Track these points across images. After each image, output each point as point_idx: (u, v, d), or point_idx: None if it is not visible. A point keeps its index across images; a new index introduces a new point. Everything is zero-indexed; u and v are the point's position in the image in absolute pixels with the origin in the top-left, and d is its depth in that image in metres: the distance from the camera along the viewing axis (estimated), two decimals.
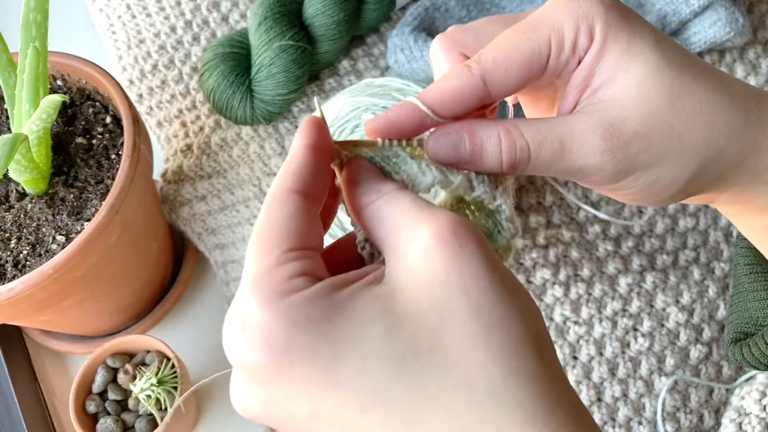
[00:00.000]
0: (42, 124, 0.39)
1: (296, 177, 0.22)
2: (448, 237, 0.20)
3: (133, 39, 0.56)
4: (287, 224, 0.21)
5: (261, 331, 0.20)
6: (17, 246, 0.42)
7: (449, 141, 0.24)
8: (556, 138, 0.24)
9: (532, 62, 0.25)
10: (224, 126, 0.52)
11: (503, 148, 0.24)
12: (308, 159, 0.23)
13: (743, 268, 0.40)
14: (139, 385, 0.42)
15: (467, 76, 0.24)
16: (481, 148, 0.24)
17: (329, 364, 0.20)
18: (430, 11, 0.51)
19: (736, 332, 0.39)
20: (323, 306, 0.20)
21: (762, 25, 0.51)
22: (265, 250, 0.21)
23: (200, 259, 0.52)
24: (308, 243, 0.22)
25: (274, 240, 0.21)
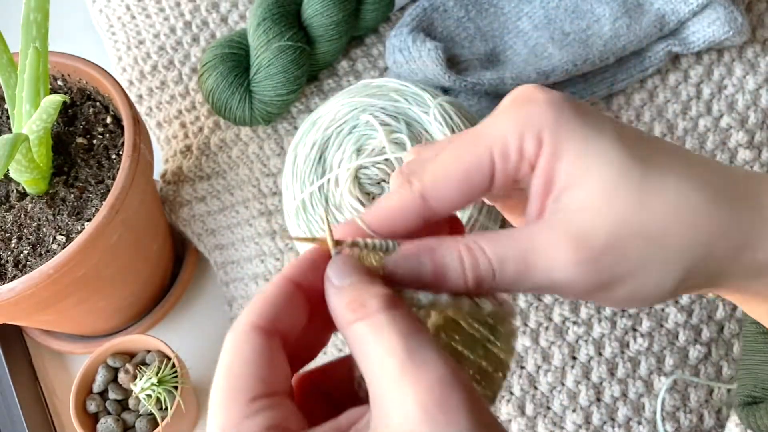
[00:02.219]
0: (42, 124, 0.39)
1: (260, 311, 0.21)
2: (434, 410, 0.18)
3: (132, 40, 0.56)
4: (249, 368, 0.20)
5: None
6: (18, 246, 0.42)
7: (408, 263, 0.22)
8: (520, 253, 0.22)
9: (473, 176, 0.23)
10: (223, 127, 0.52)
11: (466, 266, 0.22)
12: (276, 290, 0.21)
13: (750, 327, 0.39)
14: (140, 385, 0.42)
15: (407, 193, 0.23)
16: (443, 267, 0.22)
17: None
18: (428, 12, 0.51)
19: (746, 395, 0.38)
20: None
21: (761, 24, 0.51)
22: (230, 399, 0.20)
23: (200, 260, 0.52)
24: (273, 388, 0.20)
25: (238, 387, 0.20)
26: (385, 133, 0.42)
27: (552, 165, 0.23)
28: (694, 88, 0.50)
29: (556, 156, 0.23)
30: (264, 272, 0.48)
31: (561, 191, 0.23)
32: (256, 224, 0.49)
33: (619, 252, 0.22)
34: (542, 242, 0.22)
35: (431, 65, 0.47)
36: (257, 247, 0.49)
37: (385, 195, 0.24)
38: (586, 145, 0.22)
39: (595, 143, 0.22)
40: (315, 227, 0.42)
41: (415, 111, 0.43)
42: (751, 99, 0.49)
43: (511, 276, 0.22)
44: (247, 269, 0.49)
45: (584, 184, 0.22)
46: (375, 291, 0.20)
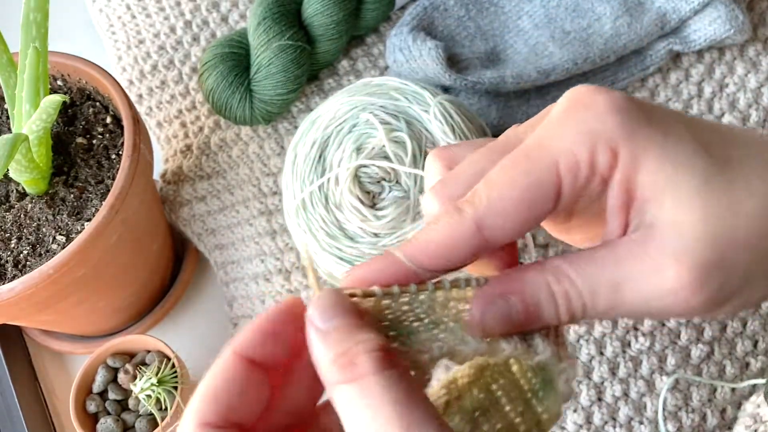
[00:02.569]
0: (42, 124, 0.39)
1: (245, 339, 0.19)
2: None
3: (132, 39, 0.56)
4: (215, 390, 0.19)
5: None
6: (17, 246, 0.42)
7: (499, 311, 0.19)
8: (612, 281, 0.20)
9: (536, 198, 0.20)
10: (224, 126, 0.52)
11: (559, 301, 0.20)
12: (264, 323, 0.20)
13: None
14: (140, 385, 0.42)
15: (458, 222, 0.20)
16: (536, 307, 0.20)
17: None
18: (429, 11, 0.51)
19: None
20: None
21: (762, 23, 0.51)
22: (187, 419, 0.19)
23: (200, 260, 0.52)
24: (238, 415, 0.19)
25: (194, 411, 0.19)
26: (385, 131, 0.42)
27: (631, 177, 0.20)
28: (695, 87, 0.50)
29: (634, 167, 0.20)
30: (264, 272, 0.48)
31: (644, 203, 0.20)
32: (257, 224, 0.49)
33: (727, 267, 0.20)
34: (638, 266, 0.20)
35: (431, 64, 0.47)
36: (257, 246, 0.48)
37: (427, 225, 0.20)
38: (665, 152, 0.20)
39: (673, 149, 0.20)
40: (315, 226, 0.42)
41: (415, 110, 0.43)
42: (752, 97, 0.49)
43: (604, 307, 0.20)
44: (248, 269, 0.49)
45: (670, 196, 0.20)
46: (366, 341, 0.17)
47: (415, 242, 0.20)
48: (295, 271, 0.47)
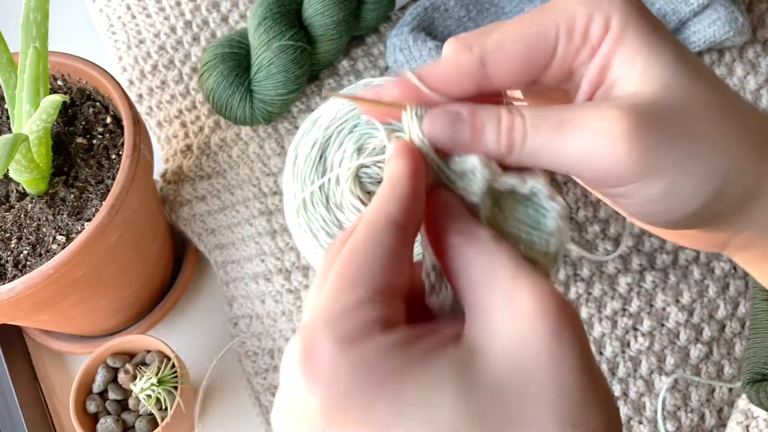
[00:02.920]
0: (42, 124, 0.39)
1: (399, 206, 0.21)
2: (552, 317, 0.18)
3: (133, 39, 0.56)
4: (380, 261, 0.20)
5: (325, 368, 0.19)
6: (18, 246, 0.42)
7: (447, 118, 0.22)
8: (558, 117, 0.22)
9: (537, 47, 0.22)
10: (224, 126, 0.52)
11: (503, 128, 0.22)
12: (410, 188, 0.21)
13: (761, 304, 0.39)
14: (140, 385, 0.42)
15: (466, 55, 0.22)
16: (481, 127, 0.22)
17: (383, 425, 0.18)
18: (429, 11, 0.51)
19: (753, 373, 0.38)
20: (393, 361, 0.19)
21: (761, 24, 0.51)
22: (349, 285, 0.20)
23: (200, 259, 0.52)
24: (397, 282, 0.20)
25: (362, 276, 0.20)
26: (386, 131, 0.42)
27: (614, 49, 0.22)
28: None
29: (618, 42, 0.22)
30: (264, 271, 0.48)
31: (614, 81, 0.23)
32: (257, 223, 0.49)
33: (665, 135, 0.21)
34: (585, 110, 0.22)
35: None
36: (257, 246, 0.49)
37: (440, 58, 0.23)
38: (649, 38, 0.22)
39: (656, 37, 0.22)
40: (316, 226, 0.42)
41: None
42: (752, 99, 0.49)
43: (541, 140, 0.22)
44: (248, 269, 0.49)
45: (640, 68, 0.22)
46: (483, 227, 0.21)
47: (426, 68, 0.23)
48: (295, 271, 0.47)
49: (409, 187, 0.21)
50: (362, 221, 0.21)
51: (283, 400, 0.20)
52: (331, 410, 0.18)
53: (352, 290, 0.20)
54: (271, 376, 0.47)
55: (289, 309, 0.47)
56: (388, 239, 0.20)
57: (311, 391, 0.19)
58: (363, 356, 0.19)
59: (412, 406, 0.18)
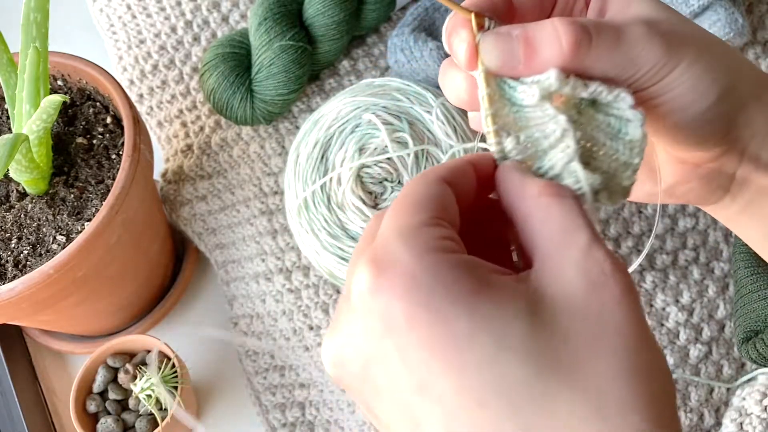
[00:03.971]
0: (42, 124, 0.39)
1: (444, 168, 0.22)
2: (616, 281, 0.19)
3: (133, 39, 0.56)
4: (438, 197, 0.21)
5: (406, 277, 0.18)
6: (18, 246, 0.42)
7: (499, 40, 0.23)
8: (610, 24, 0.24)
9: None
10: (224, 126, 0.52)
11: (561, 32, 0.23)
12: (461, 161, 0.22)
13: (744, 271, 0.41)
14: (140, 385, 0.42)
15: None
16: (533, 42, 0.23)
17: (463, 341, 0.18)
18: (430, 11, 0.51)
19: (746, 332, 0.39)
20: (473, 278, 0.19)
21: (761, 26, 0.52)
22: (414, 210, 0.20)
23: (200, 259, 0.52)
24: (451, 219, 0.21)
25: (421, 204, 0.20)
26: (387, 132, 0.42)
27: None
28: None
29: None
30: (265, 271, 0.48)
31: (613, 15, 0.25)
32: (257, 223, 0.49)
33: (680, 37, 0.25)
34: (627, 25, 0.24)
35: (433, 65, 0.47)
36: (258, 246, 0.49)
37: None
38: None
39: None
40: (317, 226, 0.42)
41: (417, 110, 0.43)
42: None
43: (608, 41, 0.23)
44: (248, 268, 0.49)
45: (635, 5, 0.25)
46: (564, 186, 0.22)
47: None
48: (295, 270, 0.47)
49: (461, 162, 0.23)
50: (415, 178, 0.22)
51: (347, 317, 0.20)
52: (410, 320, 0.18)
53: (416, 214, 0.20)
54: (271, 376, 0.47)
55: (289, 309, 0.47)
56: (437, 186, 0.21)
57: (389, 303, 0.18)
58: (444, 266, 0.19)
59: (489, 326, 0.18)
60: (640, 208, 0.47)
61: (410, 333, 0.18)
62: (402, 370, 0.18)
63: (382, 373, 0.19)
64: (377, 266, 0.19)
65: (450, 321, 0.18)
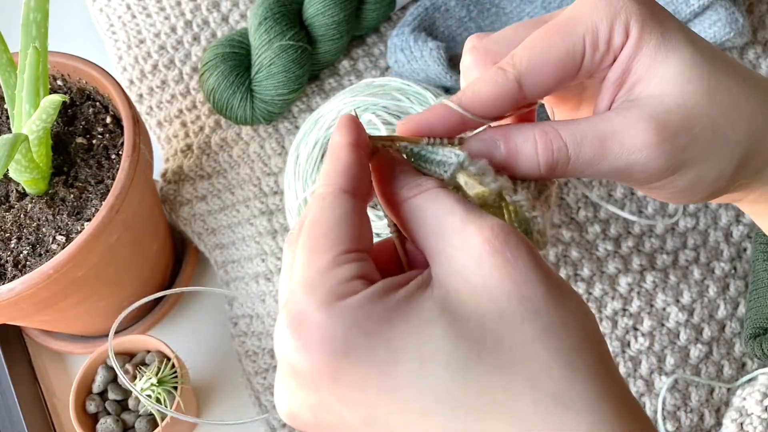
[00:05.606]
0: (42, 124, 0.39)
1: (345, 176, 0.22)
2: (500, 246, 0.20)
3: (133, 39, 0.56)
4: (341, 226, 0.21)
5: (319, 332, 0.19)
6: (17, 246, 0.42)
7: (483, 146, 0.24)
8: (597, 136, 0.24)
9: (567, 62, 0.24)
10: (224, 126, 0.52)
11: (539, 150, 0.23)
12: (353, 157, 0.22)
13: (761, 264, 0.41)
14: (140, 385, 0.42)
15: (502, 79, 0.24)
16: (516, 151, 0.24)
17: (386, 367, 0.19)
18: (430, 11, 0.51)
19: (755, 327, 0.39)
20: (381, 308, 0.20)
21: (762, 26, 0.51)
22: (319, 251, 0.21)
23: (200, 259, 0.52)
24: (361, 245, 0.21)
25: (329, 241, 0.21)
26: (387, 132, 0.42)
27: (634, 55, 0.24)
28: None
29: (638, 48, 0.24)
30: (265, 271, 0.48)
31: (635, 83, 0.24)
32: (257, 223, 0.49)
33: (690, 135, 0.24)
34: (619, 125, 0.24)
35: (433, 65, 0.47)
36: (258, 246, 0.49)
37: (474, 80, 0.25)
38: (664, 40, 0.24)
39: (670, 39, 0.24)
40: None
41: (417, 110, 0.43)
42: None
43: (587, 158, 0.24)
44: (248, 268, 0.49)
45: (659, 73, 0.24)
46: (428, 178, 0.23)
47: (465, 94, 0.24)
48: None
49: (348, 156, 0.22)
50: (313, 197, 0.22)
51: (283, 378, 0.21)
52: (334, 372, 0.19)
53: (323, 255, 0.21)
54: (271, 376, 0.47)
55: None
56: (340, 207, 0.21)
57: (311, 359, 0.19)
58: (351, 310, 0.20)
59: (407, 344, 0.19)
60: (640, 208, 0.47)
61: (339, 380, 0.19)
62: (346, 411, 0.20)
63: (331, 418, 0.20)
64: (293, 327, 0.20)
65: (370, 356, 0.19)
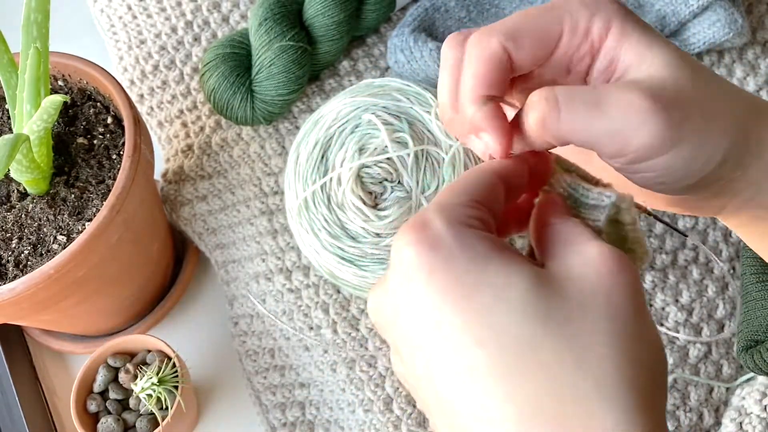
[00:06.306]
0: (43, 124, 0.39)
1: (502, 164, 0.25)
2: (611, 260, 0.22)
3: (134, 39, 0.56)
4: (484, 186, 0.24)
5: (432, 238, 0.22)
6: (18, 246, 0.42)
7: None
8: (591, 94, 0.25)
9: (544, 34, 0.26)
10: (225, 126, 0.52)
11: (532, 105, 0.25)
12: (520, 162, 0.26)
13: (750, 278, 0.40)
14: (140, 385, 0.42)
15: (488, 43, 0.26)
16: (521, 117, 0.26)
17: (469, 290, 0.22)
18: (430, 12, 0.51)
19: (747, 340, 0.39)
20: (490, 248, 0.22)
21: (761, 26, 0.52)
22: (458, 192, 0.24)
23: (201, 259, 0.52)
24: (494, 208, 0.24)
25: (469, 188, 0.24)
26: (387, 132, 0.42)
27: (619, 45, 0.26)
28: None
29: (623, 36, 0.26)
30: (265, 271, 0.48)
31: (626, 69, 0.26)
32: (258, 223, 0.49)
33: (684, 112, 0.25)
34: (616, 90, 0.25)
35: (433, 65, 0.47)
36: (258, 246, 0.49)
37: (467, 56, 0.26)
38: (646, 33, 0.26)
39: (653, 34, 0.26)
40: (317, 226, 0.42)
41: (417, 110, 0.43)
42: None
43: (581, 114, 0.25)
44: (249, 268, 0.49)
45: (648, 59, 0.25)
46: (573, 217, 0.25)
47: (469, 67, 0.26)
48: (296, 270, 0.47)
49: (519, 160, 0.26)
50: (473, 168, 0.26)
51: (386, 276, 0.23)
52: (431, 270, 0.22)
53: (458, 195, 0.24)
54: (272, 376, 0.47)
55: (290, 308, 0.47)
56: (487, 177, 0.25)
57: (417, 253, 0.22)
58: (464, 235, 0.23)
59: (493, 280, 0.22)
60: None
61: (430, 282, 0.22)
62: (422, 311, 0.22)
63: (408, 315, 0.23)
64: (413, 228, 0.23)
65: (461, 275, 0.22)
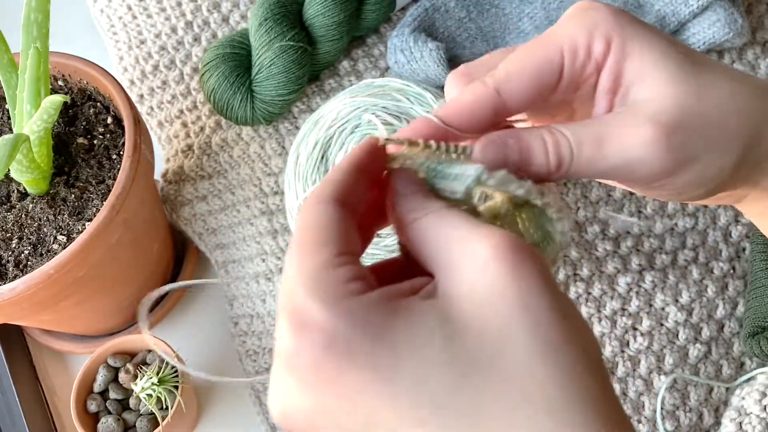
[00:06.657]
0: (43, 124, 0.39)
1: (334, 186, 0.22)
2: (506, 253, 0.20)
3: (134, 40, 0.56)
4: (332, 228, 0.21)
5: (323, 331, 0.19)
6: (18, 246, 0.42)
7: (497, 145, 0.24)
8: (595, 136, 0.24)
9: (544, 70, 0.25)
10: (225, 126, 0.52)
11: (549, 147, 0.24)
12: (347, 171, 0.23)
13: (759, 264, 0.41)
14: (140, 385, 0.42)
15: (481, 88, 0.24)
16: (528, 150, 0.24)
17: (389, 373, 0.19)
18: (429, 12, 0.51)
19: (753, 326, 0.40)
20: (383, 312, 0.20)
21: (761, 26, 0.52)
22: (313, 251, 0.21)
23: (201, 259, 0.52)
24: (350, 249, 0.21)
25: (321, 241, 0.21)
26: (387, 132, 0.42)
27: (621, 62, 0.25)
28: None
29: (624, 54, 0.25)
30: (265, 271, 0.48)
31: (629, 87, 0.25)
32: (258, 223, 0.49)
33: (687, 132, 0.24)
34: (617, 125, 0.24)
35: (432, 65, 0.47)
36: (258, 246, 0.49)
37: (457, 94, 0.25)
38: (649, 45, 0.25)
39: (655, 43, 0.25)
40: None
41: (417, 111, 0.43)
42: None
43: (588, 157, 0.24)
44: (249, 268, 0.49)
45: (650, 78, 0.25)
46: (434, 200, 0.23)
47: (446, 107, 0.25)
48: None
49: (344, 171, 0.23)
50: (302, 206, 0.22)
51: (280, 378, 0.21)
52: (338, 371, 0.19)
53: (316, 256, 0.21)
54: None
55: None
56: (331, 211, 0.21)
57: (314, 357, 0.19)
58: (355, 312, 0.20)
59: (409, 351, 0.19)
60: (639, 208, 0.47)
61: (341, 382, 0.19)
62: (345, 415, 0.20)
63: (328, 422, 0.20)
64: (295, 326, 0.20)
65: (373, 360, 0.19)
